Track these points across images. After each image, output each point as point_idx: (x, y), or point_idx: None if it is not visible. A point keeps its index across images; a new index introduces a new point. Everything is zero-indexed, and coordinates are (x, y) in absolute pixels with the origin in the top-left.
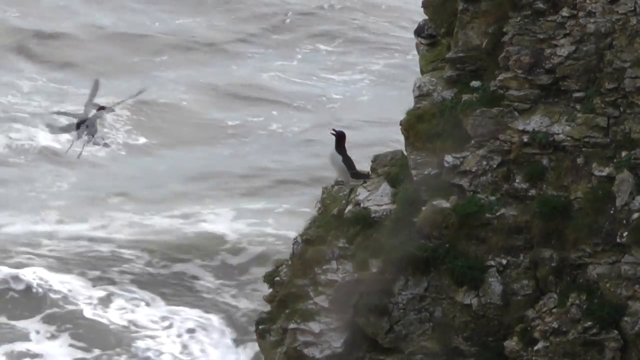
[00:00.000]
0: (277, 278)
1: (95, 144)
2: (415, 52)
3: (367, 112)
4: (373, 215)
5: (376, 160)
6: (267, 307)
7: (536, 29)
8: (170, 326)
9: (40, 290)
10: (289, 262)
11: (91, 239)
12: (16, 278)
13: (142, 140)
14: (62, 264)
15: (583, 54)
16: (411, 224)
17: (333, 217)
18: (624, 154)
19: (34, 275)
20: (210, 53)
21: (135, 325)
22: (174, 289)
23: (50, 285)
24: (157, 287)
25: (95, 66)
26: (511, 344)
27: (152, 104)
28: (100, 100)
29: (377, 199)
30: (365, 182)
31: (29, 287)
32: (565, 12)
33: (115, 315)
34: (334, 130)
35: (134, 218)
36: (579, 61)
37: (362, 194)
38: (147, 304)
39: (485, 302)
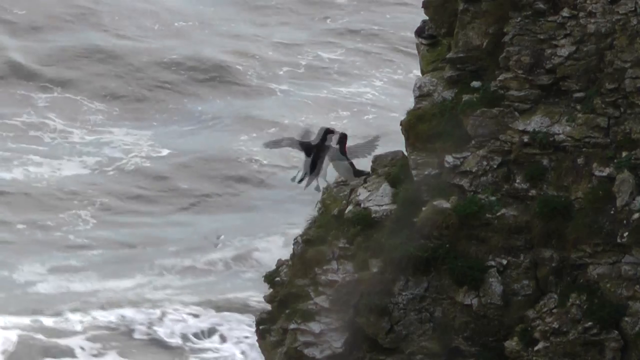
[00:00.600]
0: (278, 278)
1: (315, 188)
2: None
3: None
4: (373, 215)
5: (376, 160)
6: (268, 307)
7: (536, 29)
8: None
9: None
10: (290, 262)
11: None
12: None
13: None
14: None
15: (583, 54)
16: (411, 224)
17: (333, 217)
18: (624, 154)
19: None
20: None
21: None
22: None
23: None
24: None
25: None
26: (511, 344)
27: None
28: None
29: (377, 199)
30: (366, 181)
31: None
32: (565, 12)
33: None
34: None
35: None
36: (580, 61)
37: (362, 194)
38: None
39: (486, 302)
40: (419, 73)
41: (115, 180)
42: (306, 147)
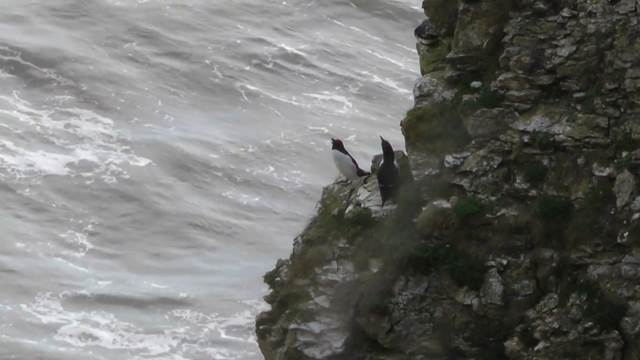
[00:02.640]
0: (278, 278)
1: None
2: None
3: None
4: (373, 215)
5: (377, 160)
6: (268, 307)
7: (537, 30)
8: None
9: None
10: (290, 263)
11: None
12: None
13: None
14: None
15: (583, 54)
16: (412, 224)
17: (333, 217)
18: (624, 154)
19: None
20: None
21: None
22: None
23: None
24: None
25: None
26: (512, 344)
27: None
28: None
29: (377, 199)
30: (366, 181)
31: None
32: (565, 12)
33: None
34: (332, 139)
35: None
36: (580, 61)
37: (362, 194)
38: None
39: (486, 302)
40: None
41: None
42: (379, 177)
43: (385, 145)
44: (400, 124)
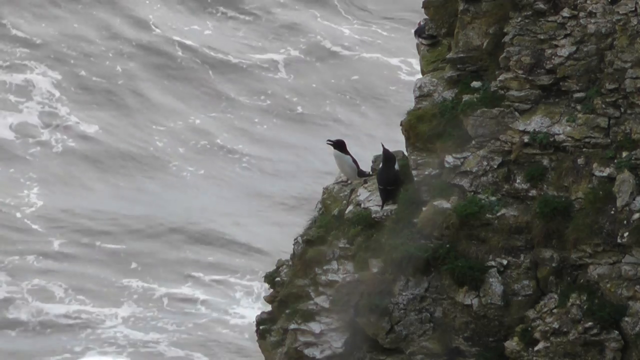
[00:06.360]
0: (278, 278)
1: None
2: None
3: None
4: (374, 215)
5: (377, 160)
6: (268, 308)
7: (537, 30)
8: None
9: None
10: (290, 263)
11: None
12: None
13: None
14: None
15: (584, 54)
16: (412, 224)
17: (334, 217)
18: (624, 154)
19: None
20: None
21: None
22: None
23: None
24: None
25: None
26: (512, 344)
27: None
28: None
29: (377, 199)
30: (366, 181)
31: None
32: (565, 12)
33: None
34: (329, 140)
35: None
36: (580, 61)
37: (362, 194)
38: None
39: (486, 302)
40: None
41: None
42: (379, 179)
43: (386, 153)
44: (400, 124)
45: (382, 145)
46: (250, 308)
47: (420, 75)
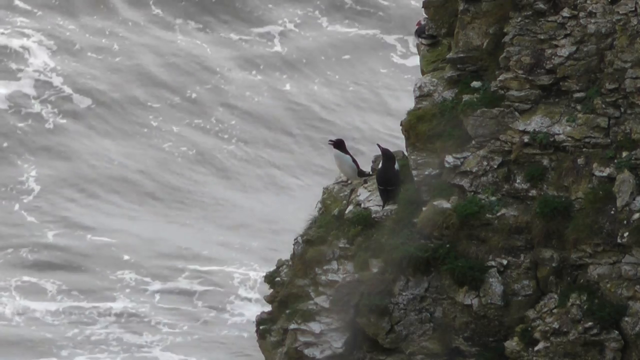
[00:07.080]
0: (278, 278)
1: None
2: None
3: None
4: (374, 215)
5: (377, 160)
6: (268, 308)
7: (537, 30)
8: None
9: None
10: (290, 263)
11: None
12: None
13: None
14: None
15: (584, 54)
16: (412, 224)
17: (334, 217)
18: (624, 154)
19: None
20: None
21: None
22: None
23: None
24: None
25: None
26: (512, 344)
27: None
28: None
29: (377, 199)
30: (366, 181)
31: None
32: (565, 12)
33: None
34: (331, 140)
35: None
36: (580, 61)
37: (362, 194)
38: None
39: (486, 302)
40: None
41: None
42: (379, 179)
43: (384, 152)
44: (401, 124)
45: (379, 146)
46: (249, 309)
47: (420, 75)
